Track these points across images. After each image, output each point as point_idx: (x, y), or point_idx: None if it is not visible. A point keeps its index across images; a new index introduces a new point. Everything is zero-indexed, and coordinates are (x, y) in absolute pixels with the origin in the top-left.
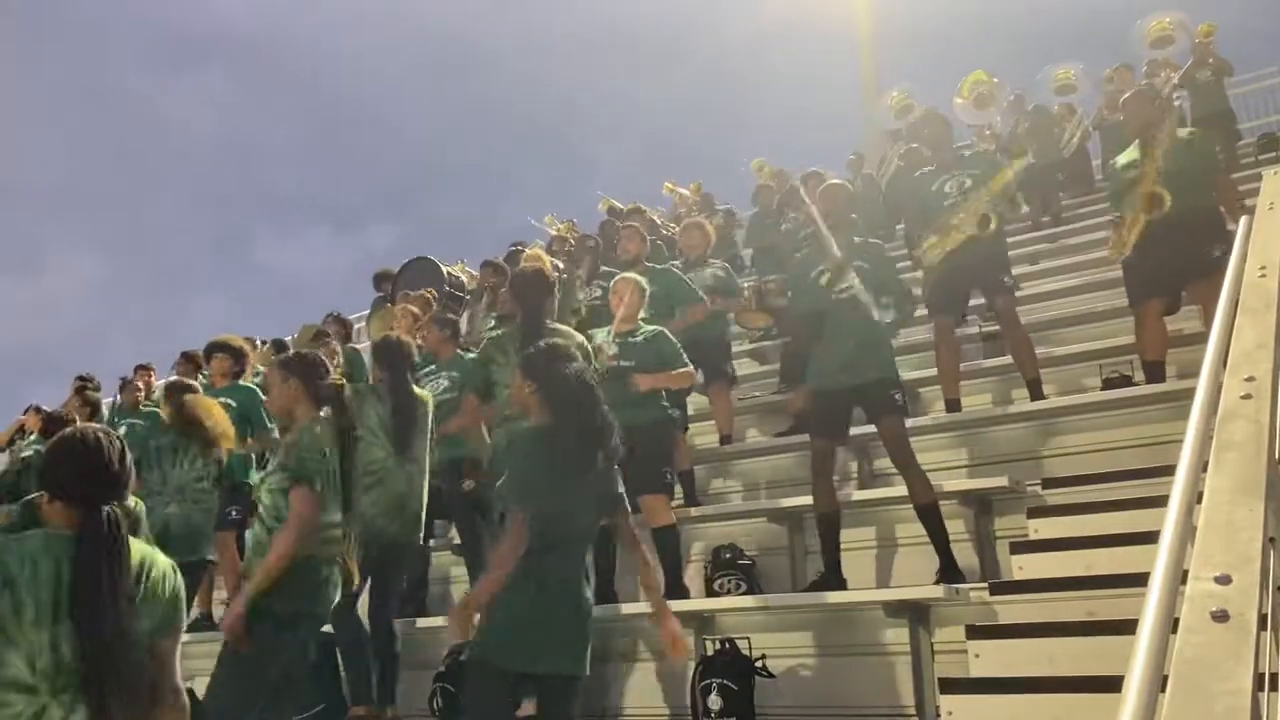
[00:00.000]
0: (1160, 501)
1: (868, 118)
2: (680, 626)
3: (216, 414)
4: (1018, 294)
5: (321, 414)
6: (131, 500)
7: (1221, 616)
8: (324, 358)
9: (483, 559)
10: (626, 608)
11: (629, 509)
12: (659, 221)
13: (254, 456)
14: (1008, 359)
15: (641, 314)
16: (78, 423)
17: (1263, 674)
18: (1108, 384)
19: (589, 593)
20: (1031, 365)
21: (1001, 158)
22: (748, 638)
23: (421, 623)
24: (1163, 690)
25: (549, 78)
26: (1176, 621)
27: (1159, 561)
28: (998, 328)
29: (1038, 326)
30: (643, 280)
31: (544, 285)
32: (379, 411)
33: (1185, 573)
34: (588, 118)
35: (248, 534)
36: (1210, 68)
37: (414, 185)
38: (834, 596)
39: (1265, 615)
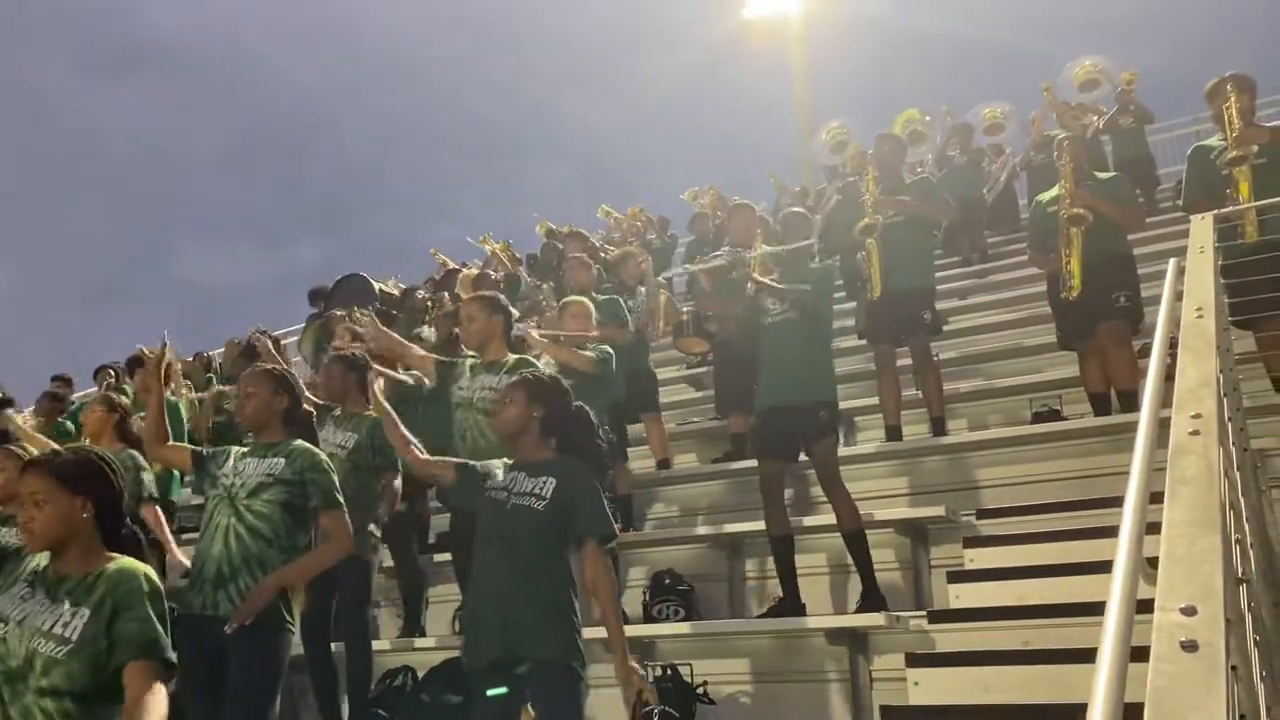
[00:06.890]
0: (1092, 534)
1: (800, 151)
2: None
3: None
4: (946, 328)
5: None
6: None
7: (1191, 646)
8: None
9: (416, 580)
10: None
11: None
12: (598, 245)
13: (179, 474)
14: (946, 389)
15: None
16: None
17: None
18: (1037, 418)
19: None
20: (938, 403)
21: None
22: (689, 664)
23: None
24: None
25: (484, 100)
26: (1133, 650)
27: (1114, 590)
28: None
29: (970, 360)
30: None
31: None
32: None
33: (1138, 603)
34: (523, 141)
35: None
36: (1132, 114)
37: (345, 204)
38: (774, 623)
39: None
